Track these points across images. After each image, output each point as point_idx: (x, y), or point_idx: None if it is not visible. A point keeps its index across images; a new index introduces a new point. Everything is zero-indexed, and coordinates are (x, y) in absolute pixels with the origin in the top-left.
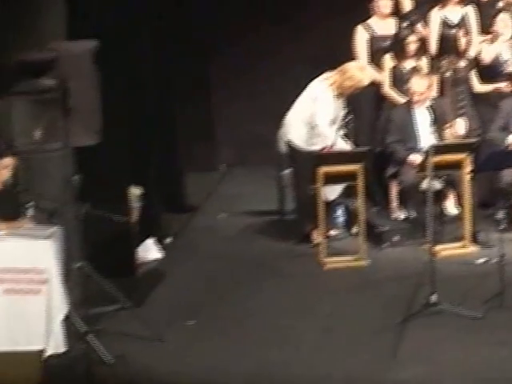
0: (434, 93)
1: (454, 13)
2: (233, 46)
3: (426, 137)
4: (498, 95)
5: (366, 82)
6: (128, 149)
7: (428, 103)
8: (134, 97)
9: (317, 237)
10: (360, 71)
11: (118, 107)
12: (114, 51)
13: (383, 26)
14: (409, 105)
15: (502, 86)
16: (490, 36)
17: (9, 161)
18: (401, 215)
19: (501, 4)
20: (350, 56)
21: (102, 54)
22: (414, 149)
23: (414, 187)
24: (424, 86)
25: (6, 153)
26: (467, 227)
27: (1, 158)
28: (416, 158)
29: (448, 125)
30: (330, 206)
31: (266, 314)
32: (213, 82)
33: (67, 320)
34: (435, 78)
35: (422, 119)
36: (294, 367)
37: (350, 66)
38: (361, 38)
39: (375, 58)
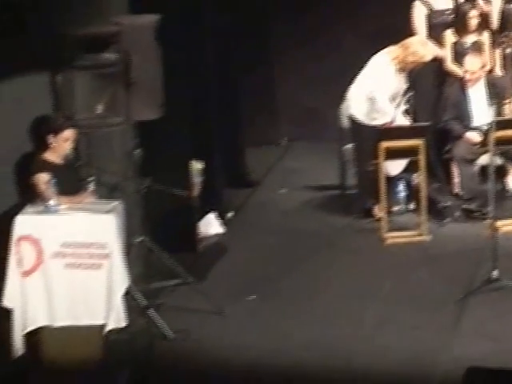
0: (493, 69)
1: None
2: (294, 18)
3: (482, 114)
4: None
5: (428, 57)
6: (190, 123)
7: (484, 80)
8: (195, 70)
9: (378, 212)
10: (423, 46)
11: (180, 81)
12: (175, 25)
13: (441, 0)
14: (463, 83)
15: None
16: None
17: (69, 133)
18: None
19: None
20: (408, 31)
21: (164, 27)
22: (470, 126)
23: (467, 162)
24: (477, 65)
25: (66, 125)
26: None
27: (61, 130)
28: (474, 136)
29: (508, 100)
30: (392, 181)
31: (326, 288)
32: (275, 56)
33: (128, 295)
34: (496, 54)
35: (478, 96)
36: (356, 342)
37: (412, 41)
38: (419, 13)
39: (433, 33)
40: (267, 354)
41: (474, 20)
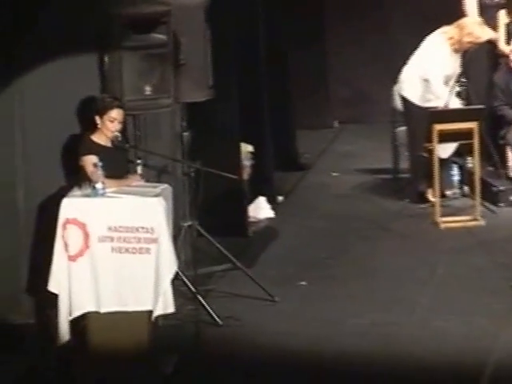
0: None
1: None
2: None
3: None
4: None
5: (484, 38)
6: (239, 105)
7: None
8: (245, 52)
9: (431, 196)
10: (479, 27)
11: (230, 62)
12: (225, 5)
13: None
14: (510, 68)
15: None
16: None
17: (117, 115)
18: None
19: None
20: (460, 12)
21: (214, 8)
22: None
23: None
24: None
25: (114, 107)
26: None
27: (109, 112)
28: None
29: None
30: (445, 164)
31: (378, 274)
32: (327, 37)
33: (176, 280)
34: None
35: None
36: (409, 328)
37: (468, 22)
38: None
39: (485, 14)
40: (319, 341)
41: None
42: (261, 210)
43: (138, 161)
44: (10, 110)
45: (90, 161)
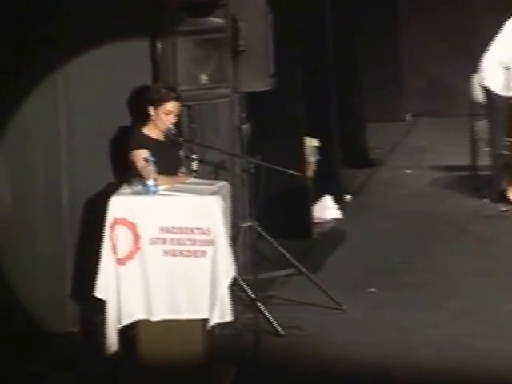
0: None
1: None
2: None
3: None
4: None
5: None
6: (304, 95)
7: None
8: (311, 39)
9: None
10: None
11: (293, 49)
12: None
13: None
14: None
15: None
16: None
17: (172, 106)
18: None
19: None
20: None
21: None
22: None
23: None
24: None
25: (169, 97)
26: None
27: (163, 102)
28: None
29: None
30: None
31: (455, 279)
32: (400, 25)
33: (234, 286)
34: None
35: None
36: (490, 339)
37: None
38: None
39: None
40: (390, 353)
41: None
42: (327, 209)
43: (193, 156)
44: (55, 101)
45: (141, 155)
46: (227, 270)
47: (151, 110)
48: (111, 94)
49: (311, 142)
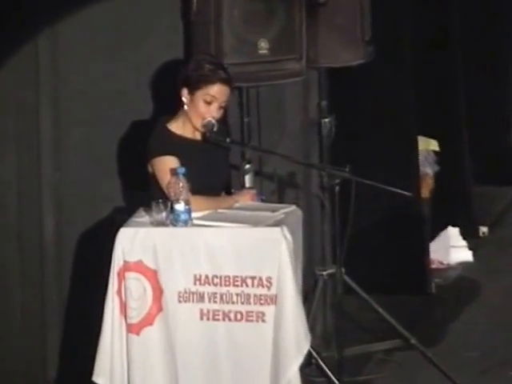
0: None
1: None
2: None
3: None
4: None
5: None
6: (417, 75)
7: None
8: None
9: None
10: None
11: (402, 9)
12: None
13: None
14: None
15: None
16: None
17: (217, 90)
18: None
19: None
20: None
21: None
22: None
23: None
24: None
25: (214, 78)
26: None
27: (204, 84)
28: None
29: None
30: None
31: None
32: None
33: (308, 367)
34: None
35: None
36: None
37: None
38: None
39: None
40: None
41: None
42: (451, 249)
43: (246, 166)
44: (36, 84)
45: (167, 165)
46: (297, 342)
47: (185, 96)
48: (118, 74)
49: (428, 145)
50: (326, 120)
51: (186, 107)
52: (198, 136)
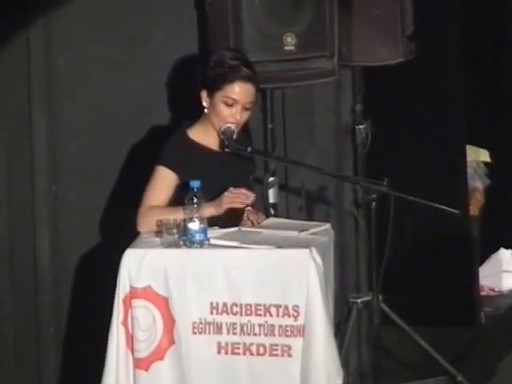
0: None
1: None
2: None
3: None
4: None
5: None
6: (465, 75)
7: None
8: None
9: None
10: None
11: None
12: None
13: None
14: None
15: None
16: None
17: (239, 90)
18: None
19: None
20: None
21: None
22: None
23: None
24: None
25: (236, 76)
26: None
27: (224, 83)
28: None
29: None
30: None
31: None
32: None
33: None
34: None
35: None
36: None
37: None
38: None
39: None
40: None
41: None
42: (503, 274)
43: (270, 179)
44: (27, 83)
45: (163, 179)
46: (328, 379)
47: (204, 98)
48: (124, 72)
49: (478, 156)
50: (361, 126)
51: (206, 111)
52: (217, 145)
